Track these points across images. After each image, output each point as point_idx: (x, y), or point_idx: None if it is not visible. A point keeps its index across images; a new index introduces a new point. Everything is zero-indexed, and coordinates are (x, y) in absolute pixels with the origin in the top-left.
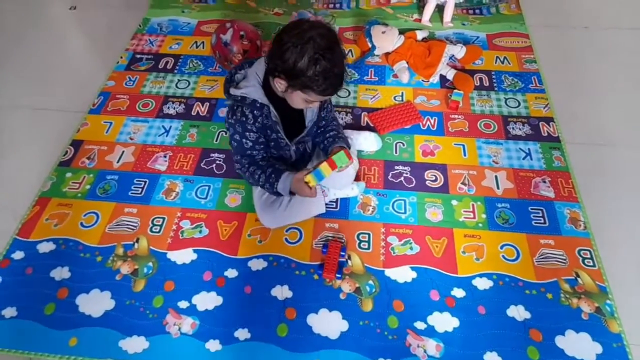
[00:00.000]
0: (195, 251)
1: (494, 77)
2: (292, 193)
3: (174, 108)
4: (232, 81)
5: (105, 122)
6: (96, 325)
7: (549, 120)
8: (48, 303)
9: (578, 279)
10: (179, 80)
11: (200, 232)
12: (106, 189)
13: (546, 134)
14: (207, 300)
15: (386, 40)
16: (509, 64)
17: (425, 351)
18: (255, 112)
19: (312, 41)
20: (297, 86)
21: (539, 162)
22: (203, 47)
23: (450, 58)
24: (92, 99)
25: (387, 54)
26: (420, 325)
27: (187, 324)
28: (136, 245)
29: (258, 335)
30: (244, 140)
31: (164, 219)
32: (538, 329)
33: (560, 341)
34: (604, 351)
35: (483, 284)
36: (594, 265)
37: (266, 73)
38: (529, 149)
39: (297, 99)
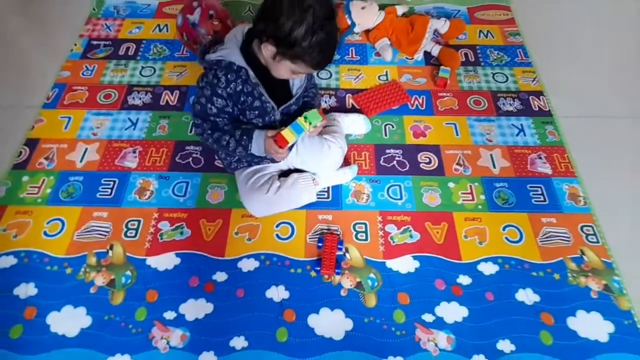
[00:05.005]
0: (177, 255)
1: (479, 52)
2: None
3: (140, 98)
4: (207, 52)
5: (62, 117)
6: (73, 346)
7: (538, 94)
8: (14, 325)
9: (584, 256)
10: (142, 68)
11: (181, 233)
12: (70, 192)
13: (537, 108)
14: (196, 309)
15: (366, 16)
16: (493, 37)
17: (436, 345)
18: (229, 75)
19: (312, 9)
20: (287, 55)
21: (533, 137)
22: (167, 30)
23: (434, 34)
24: (46, 92)
25: (367, 31)
26: (428, 317)
27: (176, 337)
28: (110, 253)
29: (256, 343)
30: (209, 105)
31: (139, 221)
32: (549, 311)
33: (572, 323)
34: (616, 330)
35: (489, 269)
36: (597, 242)
37: (248, 36)
38: (521, 125)
39: (283, 69)
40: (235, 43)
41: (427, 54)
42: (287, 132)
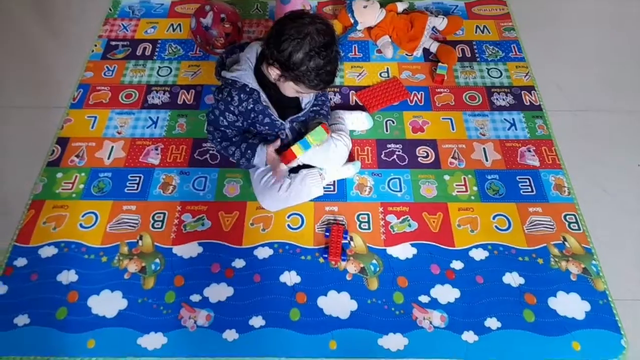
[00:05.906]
0: (200, 244)
1: (475, 47)
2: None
3: (159, 97)
4: (223, 65)
5: (89, 116)
6: (112, 325)
7: (530, 89)
8: (59, 308)
9: (565, 243)
10: (159, 68)
11: (202, 224)
12: (101, 187)
13: (528, 103)
14: (218, 292)
15: (368, 15)
16: (489, 32)
17: (430, 323)
18: (242, 95)
19: (310, 37)
20: (289, 77)
21: (524, 131)
22: (180, 30)
23: (432, 30)
24: (72, 93)
25: (369, 29)
26: (424, 298)
27: (202, 317)
28: (140, 243)
29: (272, 322)
30: (221, 117)
31: (164, 214)
32: (532, 292)
33: (552, 302)
34: (591, 308)
35: (479, 254)
36: (579, 229)
37: (259, 58)
38: (513, 119)
39: (288, 89)
40: (249, 65)
41: (426, 51)
42: (296, 148)
